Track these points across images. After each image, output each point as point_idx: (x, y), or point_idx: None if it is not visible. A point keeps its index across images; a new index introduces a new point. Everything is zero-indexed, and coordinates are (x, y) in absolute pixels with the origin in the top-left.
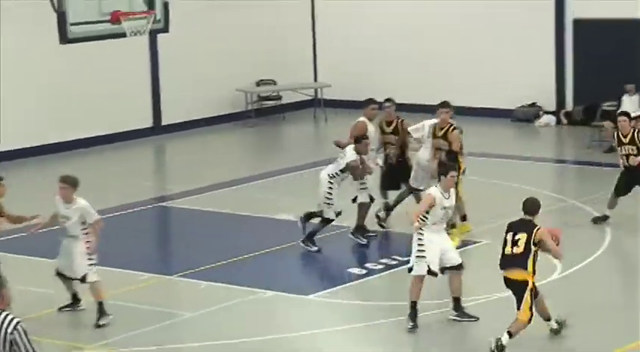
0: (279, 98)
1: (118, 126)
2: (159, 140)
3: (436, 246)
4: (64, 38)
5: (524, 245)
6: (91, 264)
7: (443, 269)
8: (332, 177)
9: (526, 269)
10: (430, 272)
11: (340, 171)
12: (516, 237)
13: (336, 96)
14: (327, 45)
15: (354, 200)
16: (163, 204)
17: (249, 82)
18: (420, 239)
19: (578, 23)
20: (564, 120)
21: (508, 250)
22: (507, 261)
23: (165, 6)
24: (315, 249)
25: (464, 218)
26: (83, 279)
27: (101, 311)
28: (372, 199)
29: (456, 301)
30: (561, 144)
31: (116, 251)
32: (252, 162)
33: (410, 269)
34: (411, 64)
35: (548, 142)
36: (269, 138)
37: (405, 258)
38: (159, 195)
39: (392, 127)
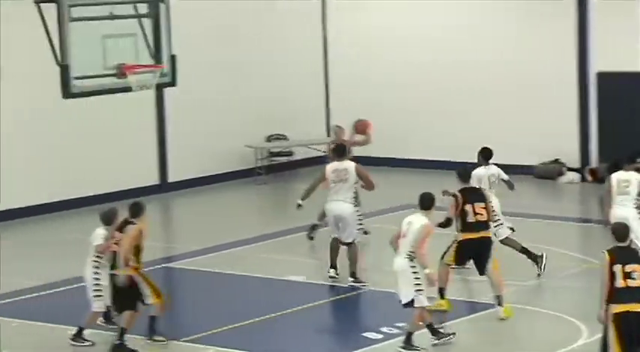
0: (290, 154)
1: (123, 183)
2: (165, 198)
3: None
4: (67, 93)
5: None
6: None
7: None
8: None
9: None
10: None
11: None
12: (628, 269)
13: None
14: (341, 97)
15: None
16: (170, 264)
17: (258, 137)
18: (416, 271)
19: (602, 76)
20: (589, 178)
21: (622, 283)
22: (626, 295)
23: (173, 59)
24: None
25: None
26: None
27: None
28: None
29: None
30: (586, 202)
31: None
32: (262, 220)
33: (409, 304)
34: (431, 119)
35: (573, 200)
36: (280, 195)
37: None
38: (165, 255)
39: None
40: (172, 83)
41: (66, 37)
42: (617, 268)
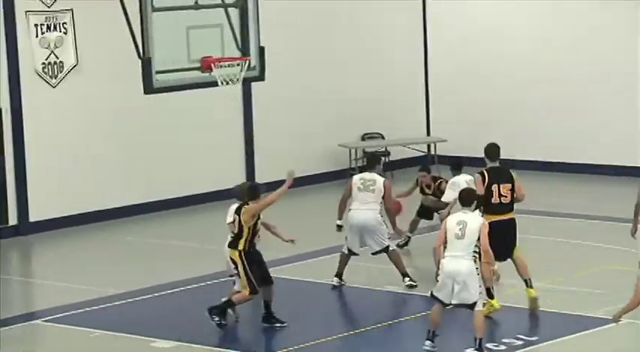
0: (387, 154)
1: (208, 185)
2: None
3: None
4: (149, 88)
5: None
6: None
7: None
8: None
9: None
10: None
11: None
12: None
13: (453, 152)
14: (442, 94)
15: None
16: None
17: (353, 136)
18: (479, 273)
19: None
20: None
21: None
22: None
23: (261, 51)
24: None
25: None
26: None
27: None
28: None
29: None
30: None
31: (205, 327)
32: None
33: (472, 305)
34: (536, 117)
35: None
36: None
37: (533, 337)
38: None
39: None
40: (261, 77)
41: (148, 29)
42: None
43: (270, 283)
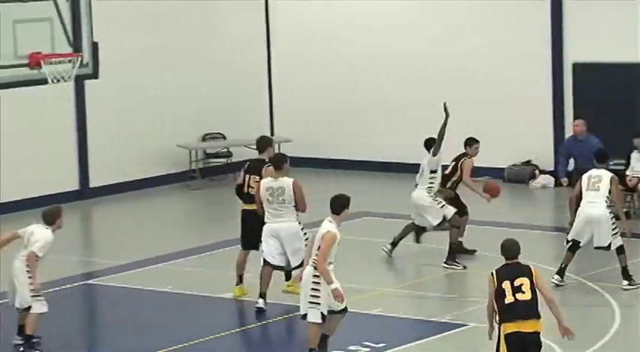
0: (229, 155)
1: (38, 190)
2: (85, 205)
3: (327, 288)
4: None
5: (530, 291)
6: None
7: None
8: None
9: (539, 318)
10: (323, 318)
11: None
12: (517, 283)
13: (298, 153)
14: (286, 93)
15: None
16: (90, 281)
17: (193, 136)
18: (316, 282)
19: (577, 68)
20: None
21: (510, 299)
22: (515, 311)
23: (95, 47)
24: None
25: None
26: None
27: None
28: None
29: (324, 339)
30: (560, 208)
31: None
32: (196, 230)
33: (304, 317)
34: (387, 116)
35: (545, 207)
36: (217, 202)
37: (380, 344)
38: (85, 270)
39: None
40: (94, 75)
41: None
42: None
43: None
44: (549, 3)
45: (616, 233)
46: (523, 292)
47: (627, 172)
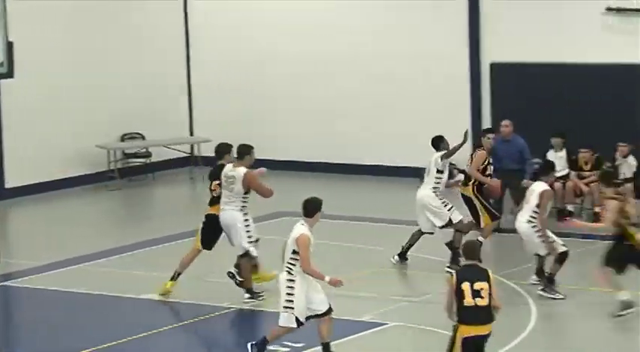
0: (148, 155)
1: None
2: (2, 206)
3: (303, 293)
4: None
5: (488, 295)
6: None
7: (309, 318)
8: None
9: (494, 320)
10: (299, 323)
11: None
12: (477, 287)
13: None
14: (205, 93)
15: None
16: (7, 283)
17: (111, 136)
18: (291, 286)
19: (495, 68)
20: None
21: (470, 302)
22: (475, 316)
23: (10, 47)
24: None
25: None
26: None
27: None
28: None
29: (326, 347)
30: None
31: None
32: (115, 231)
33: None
34: (305, 116)
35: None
36: (136, 202)
37: (298, 344)
38: (2, 272)
39: None
40: (9, 74)
41: None
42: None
43: None
44: (467, 3)
45: (544, 241)
46: (482, 297)
47: None
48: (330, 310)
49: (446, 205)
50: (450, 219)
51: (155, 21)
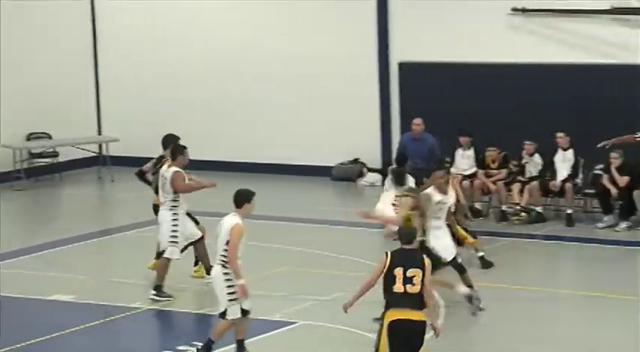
0: (55, 155)
1: None
2: None
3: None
4: None
5: (420, 283)
6: None
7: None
8: None
9: (424, 308)
10: (244, 312)
11: None
12: (409, 274)
13: (125, 152)
14: (113, 92)
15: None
16: None
17: (17, 135)
18: (229, 279)
19: (404, 67)
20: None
21: (400, 288)
22: (400, 301)
23: None
24: None
25: None
26: None
27: None
28: None
29: (241, 344)
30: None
31: None
32: (21, 232)
33: (223, 314)
34: (215, 115)
35: (373, 204)
36: (43, 203)
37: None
38: None
39: None
40: None
41: None
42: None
43: None
44: (375, 3)
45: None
46: (414, 284)
47: (452, 170)
48: (249, 310)
49: None
50: None
51: (61, 21)
